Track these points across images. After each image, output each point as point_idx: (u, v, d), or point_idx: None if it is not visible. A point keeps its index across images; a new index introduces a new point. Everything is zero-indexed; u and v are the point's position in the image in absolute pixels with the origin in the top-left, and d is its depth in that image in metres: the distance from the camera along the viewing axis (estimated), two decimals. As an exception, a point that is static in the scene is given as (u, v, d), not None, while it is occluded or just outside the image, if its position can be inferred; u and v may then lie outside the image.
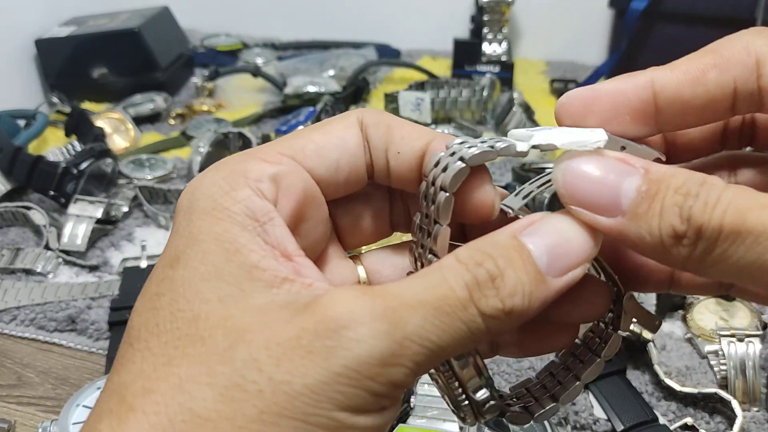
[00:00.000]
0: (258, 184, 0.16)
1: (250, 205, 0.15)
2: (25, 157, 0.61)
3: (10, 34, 0.85)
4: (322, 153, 0.17)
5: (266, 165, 0.16)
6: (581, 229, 0.15)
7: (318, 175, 0.17)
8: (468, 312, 0.14)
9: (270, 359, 0.13)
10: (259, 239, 0.15)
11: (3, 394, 0.46)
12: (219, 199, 0.15)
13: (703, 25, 0.85)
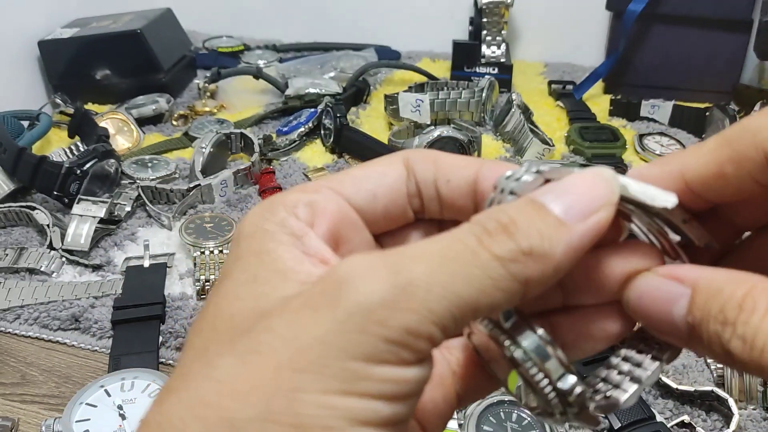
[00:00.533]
0: (294, 209, 0.17)
1: (286, 224, 0.16)
2: (28, 157, 0.62)
3: (14, 35, 0.86)
4: (358, 183, 0.18)
5: (303, 194, 0.17)
6: (595, 177, 0.15)
7: (355, 202, 0.18)
8: (480, 257, 0.14)
9: (282, 322, 0.14)
10: (295, 249, 0.16)
11: (7, 392, 0.46)
12: (259, 224, 0.17)
13: (701, 26, 0.86)
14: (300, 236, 0.16)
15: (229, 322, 0.15)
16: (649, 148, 0.76)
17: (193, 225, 0.59)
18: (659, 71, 0.89)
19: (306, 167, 0.74)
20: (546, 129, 0.79)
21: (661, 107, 0.83)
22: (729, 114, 0.75)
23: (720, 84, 0.88)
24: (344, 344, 0.13)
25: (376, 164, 0.18)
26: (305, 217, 0.17)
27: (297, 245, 0.16)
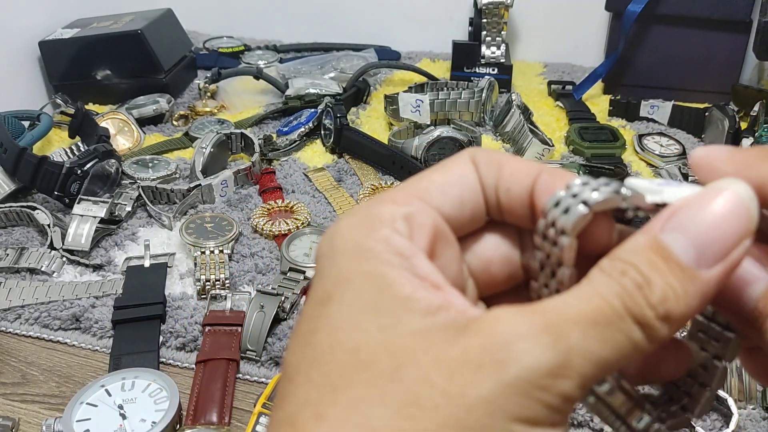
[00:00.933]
0: (394, 224, 0.16)
1: (393, 243, 0.16)
2: (29, 157, 0.62)
3: (15, 36, 0.86)
4: (445, 191, 0.17)
5: (397, 207, 0.16)
6: (731, 204, 0.14)
7: (445, 212, 0.17)
8: (625, 323, 0.14)
9: (440, 375, 0.14)
10: (407, 273, 0.15)
11: (7, 392, 0.46)
12: (360, 240, 0.16)
13: (700, 27, 0.86)
14: (408, 257, 0.15)
15: (354, 357, 0.14)
16: (648, 148, 0.76)
17: (193, 225, 0.60)
18: (659, 71, 0.89)
19: (306, 167, 0.74)
20: (545, 129, 0.79)
21: (660, 107, 0.84)
22: (728, 114, 0.75)
23: (719, 84, 0.88)
24: (509, 407, 0.13)
25: (452, 166, 0.18)
26: (405, 233, 0.16)
27: (407, 267, 0.15)
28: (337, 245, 0.16)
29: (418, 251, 0.16)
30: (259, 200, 0.68)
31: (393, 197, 0.17)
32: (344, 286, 0.15)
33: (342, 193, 0.68)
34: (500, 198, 0.17)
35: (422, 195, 0.17)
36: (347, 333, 0.15)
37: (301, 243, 0.58)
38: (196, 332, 0.50)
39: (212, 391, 0.44)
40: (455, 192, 0.17)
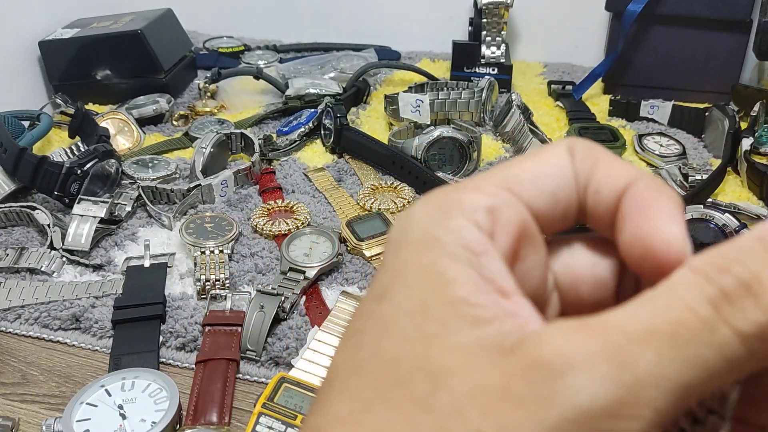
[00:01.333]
0: (473, 214, 0.14)
1: (465, 235, 0.14)
2: (29, 157, 0.62)
3: (14, 36, 0.86)
4: (538, 183, 0.15)
5: (481, 196, 0.14)
6: None
7: (536, 208, 0.15)
8: (718, 335, 0.11)
9: (475, 409, 0.12)
10: (472, 272, 0.13)
11: (7, 392, 0.46)
12: (430, 229, 0.14)
13: (700, 27, 0.86)
14: (478, 253, 0.13)
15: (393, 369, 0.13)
16: (648, 148, 0.76)
17: (193, 225, 0.60)
18: (659, 71, 0.89)
19: (306, 167, 0.74)
20: (545, 129, 0.79)
21: (660, 107, 0.84)
22: (728, 114, 0.75)
23: (719, 84, 0.88)
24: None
25: (546, 154, 0.15)
26: (486, 226, 0.14)
27: (474, 265, 0.13)
28: (406, 232, 0.14)
29: (491, 249, 0.14)
30: (259, 200, 0.68)
31: (478, 184, 0.15)
32: (398, 280, 0.14)
33: (342, 193, 0.68)
34: (588, 199, 0.15)
35: (512, 185, 0.15)
36: (392, 340, 0.13)
37: (301, 243, 0.58)
38: (196, 332, 0.50)
39: (212, 391, 0.44)
40: (550, 186, 0.15)
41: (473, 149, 0.70)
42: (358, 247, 0.58)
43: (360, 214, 0.64)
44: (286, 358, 0.48)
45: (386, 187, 0.68)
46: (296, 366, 0.46)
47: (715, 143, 0.77)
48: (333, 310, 0.51)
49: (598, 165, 0.15)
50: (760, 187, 0.67)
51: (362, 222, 0.61)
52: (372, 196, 0.66)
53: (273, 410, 0.41)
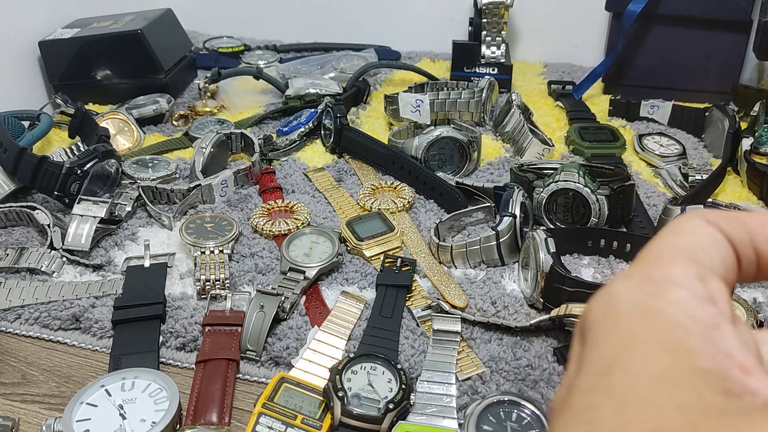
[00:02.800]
0: (689, 285, 0.14)
1: (689, 307, 0.14)
2: (29, 157, 0.62)
3: (15, 36, 0.86)
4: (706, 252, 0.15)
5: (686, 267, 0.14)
6: None
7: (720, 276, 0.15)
8: None
9: None
10: (709, 344, 0.13)
11: (7, 392, 0.46)
12: (649, 303, 0.14)
13: (700, 27, 0.86)
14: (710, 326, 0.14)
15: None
16: (648, 148, 0.76)
17: (193, 225, 0.60)
18: (659, 71, 0.89)
19: (306, 167, 0.74)
20: (545, 129, 0.79)
21: (660, 107, 0.84)
22: (728, 114, 0.75)
23: (719, 84, 0.88)
24: None
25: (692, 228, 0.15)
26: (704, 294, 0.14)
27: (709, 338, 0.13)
28: (615, 308, 0.14)
29: (722, 322, 0.13)
30: (259, 200, 0.68)
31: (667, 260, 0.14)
32: (629, 351, 0.13)
33: (342, 193, 0.68)
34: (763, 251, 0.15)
35: (695, 256, 0.14)
36: (638, 410, 0.13)
37: (301, 243, 0.58)
38: (196, 332, 0.50)
39: (212, 391, 0.44)
40: (716, 253, 0.15)
41: (473, 149, 0.70)
42: (358, 247, 0.58)
43: (360, 214, 0.64)
44: (286, 358, 0.48)
45: (386, 187, 0.68)
46: (296, 366, 0.46)
47: (715, 143, 0.77)
48: (333, 310, 0.51)
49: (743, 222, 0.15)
50: (760, 187, 0.67)
51: (362, 222, 0.61)
52: (372, 196, 0.66)
53: (273, 410, 0.42)
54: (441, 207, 0.66)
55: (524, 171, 0.64)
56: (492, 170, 0.72)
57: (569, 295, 0.49)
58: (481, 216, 0.63)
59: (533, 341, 0.49)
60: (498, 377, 0.46)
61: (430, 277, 0.55)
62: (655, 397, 0.13)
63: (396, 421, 0.41)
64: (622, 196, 0.59)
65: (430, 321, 0.50)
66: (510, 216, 0.56)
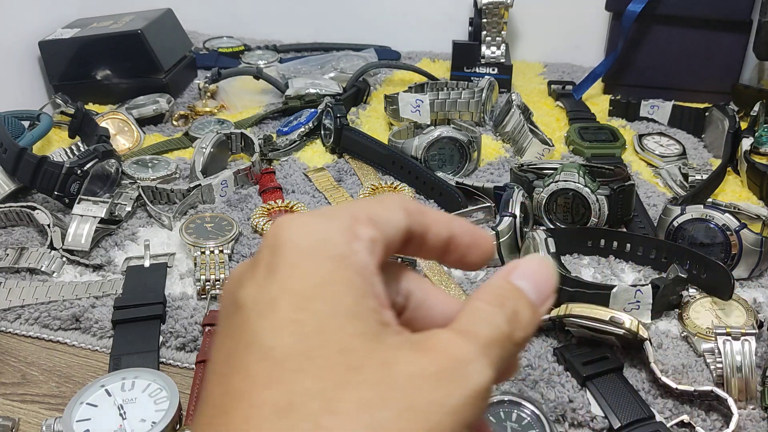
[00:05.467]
0: (365, 242, 0.19)
1: (364, 258, 0.18)
2: (29, 157, 0.62)
3: (14, 36, 0.86)
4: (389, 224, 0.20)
5: (366, 228, 0.19)
6: (549, 270, 0.21)
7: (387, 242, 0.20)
8: (510, 342, 0.19)
9: (427, 384, 0.16)
10: (371, 289, 0.18)
11: (7, 392, 0.46)
12: (341, 248, 0.18)
13: (700, 27, 0.86)
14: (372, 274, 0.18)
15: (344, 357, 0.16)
16: (648, 148, 0.76)
17: (193, 225, 0.60)
18: (659, 71, 0.89)
19: (306, 167, 0.74)
20: (545, 129, 0.79)
21: (660, 107, 0.84)
22: (728, 114, 0.75)
23: (719, 84, 0.88)
24: (467, 415, 0.17)
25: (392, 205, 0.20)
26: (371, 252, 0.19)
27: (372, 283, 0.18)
28: (316, 242, 0.18)
29: (377, 271, 0.19)
30: (259, 200, 0.68)
31: (355, 214, 0.19)
32: (328, 287, 0.17)
33: (342, 193, 0.68)
34: (428, 237, 0.21)
35: (377, 223, 0.19)
36: (335, 334, 0.16)
37: (301, 243, 0.58)
38: (196, 332, 0.50)
39: (212, 391, 0.44)
40: (392, 231, 0.20)
41: (473, 149, 0.70)
42: (358, 247, 0.58)
43: (360, 214, 0.63)
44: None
45: (386, 187, 0.68)
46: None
47: (715, 143, 0.77)
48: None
49: (427, 215, 0.21)
50: (760, 187, 0.67)
51: (362, 222, 0.60)
52: (372, 196, 0.66)
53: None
54: (441, 207, 0.66)
55: (524, 171, 0.64)
56: (492, 170, 0.72)
57: (569, 295, 0.49)
58: (481, 216, 0.63)
59: (533, 341, 0.49)
60: (498, 377, 0.46)
61: (430, 277, 0.56)
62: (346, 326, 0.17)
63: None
64: (622, 196, 0.59)
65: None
66: (510, 216, 0.56)
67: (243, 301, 0.18)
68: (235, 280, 0.19)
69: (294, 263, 0.18)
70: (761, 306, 0.52)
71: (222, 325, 0.19)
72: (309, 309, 0.17)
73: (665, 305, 0.51)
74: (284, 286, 0.17)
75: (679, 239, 0.56)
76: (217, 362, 0.18)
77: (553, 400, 0.44)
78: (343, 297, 0.17)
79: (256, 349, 0.17)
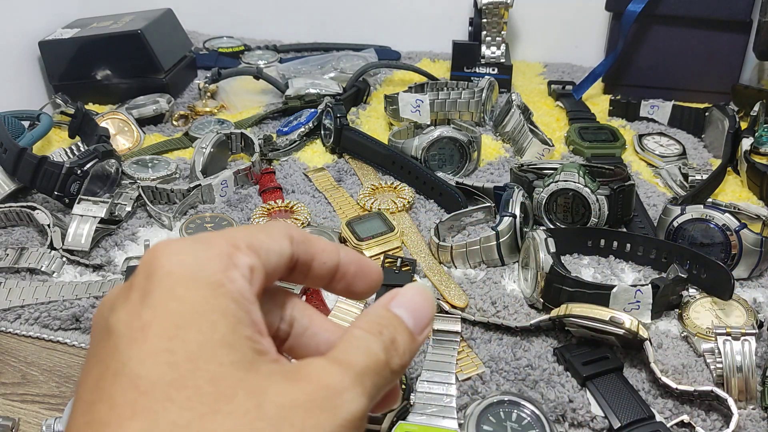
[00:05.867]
0: (243, 270, 0.19)
1: (241, 286, 0.18)
2: (29, 157, 0.62)
3: (14, 36, 0.86)
4: (270, 253, 0.20)
5: (244, 256, 0.19)
6: (428, 299, 0.21)
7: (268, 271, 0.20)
8: (387, 369, 0.19)
9: (297, 414, 0.16)
10: (248, 317, 0.18)
11: (7, 392, 0.46)
12: (217, 276, 0.18)
13: (700, 27, 0.86)
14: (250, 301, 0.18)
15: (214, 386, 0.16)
16: (648, 148, 0.76)
17: (193, 225, 0.60)
18: (659, 71, 0.89)
19: (306, 167, 0.74)
20: (545, 129, 0.79)
21: (660, 107, 0.84)
22: (728, 114, 0.75)
23: (719, 84, 0.88)
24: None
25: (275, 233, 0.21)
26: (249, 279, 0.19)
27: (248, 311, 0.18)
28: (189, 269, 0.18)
29: (255, 299, 0.19)
30: (259, 200, 0.68)
31: (234, 241, 0.19)
32: (201, 316, 0.17)
33: (342, 193, 0.68)
34: (314, 265, 0.22)
35: (259, 251, 0.20)
36: (206, 363, 0.16)
37: (301, 243, 0.58)
38: (196, 332, 0.50)
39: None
40: (275, 258, 0.20)
41: (473, 149, 0.70)
42: (358, 247, 0.58)
43: (360, 214, 0.64)
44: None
45: (386, 187, 0.68)
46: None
47: (715, 143, 0.77)
48: (333, 310, 0.51)
49: (312, 244, 0.22)
50: (760, 187, 0.67)
51: (362, 222, 0.61)
52: (372, 196, 0.66)
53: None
54: (441, 207, 0.65)
55: (524, 171, 0.64)
56: (492, 170, 0.72)
57: (569, 295, 0.49)
58: (481, 216, 0.63)
59: (533, 341, 0.49)
60: (498, 377, 0.46)
61: (430, 277, 0.55)
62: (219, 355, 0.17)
63: (396, 421, 0.41)
64: (622, 196, 0.59)
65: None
66: (510, 216, 0.56)
67: (114, 327, 0.17)
68: (107, 304, 0.18)
69: (168, 289, 0.17)
70: (761, 306, 0.52)
71: (92, 350, 0.18)
72: (180, 337, 0.16)
73: (665, 305, 0.51)
74: (156, 312, 0.17)
75: (679, 239, 0.56)
76: (85, 389, 0.17)
77: (553, 400, 0.44)
78: (217, 325, 0.17)
79: (123, 378, 0.16)
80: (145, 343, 0.17)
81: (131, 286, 0.18)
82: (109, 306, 0.18)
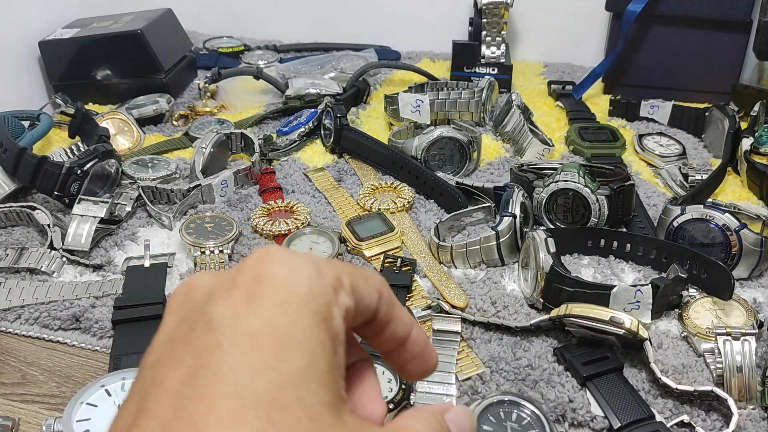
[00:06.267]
0: (342, 310, 0.18)
1: (339, 326, 0.18)
2: (29, 157, 0.62)
3: (15, 36, 0.86)
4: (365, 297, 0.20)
5: (346, 296, 0.19)
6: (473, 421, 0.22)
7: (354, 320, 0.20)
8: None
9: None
10: (338, 359, 0.18)
11: (7, 392, 0.46)
12: (324, 309, 0.18)
13: (700, 27, 0.86)
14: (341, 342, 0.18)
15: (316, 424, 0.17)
16: (648, 148, 0.76)
17: (193, 225, 0.60)
18: (659, 71, 0.89)
19: (306, 167, 0.74)
20: (545, 129, 0.79)
21: (660, 107, 0.84)
22: (728, 114, 0.75)
23: (719, 84, 0.88)
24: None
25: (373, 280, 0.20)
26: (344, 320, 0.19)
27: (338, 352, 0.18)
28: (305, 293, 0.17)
29: (344, 342, 0.19)
30: (259, 200, 0.68)
31: (340, 277, 0.19)
32: (309, 345, 0.17)
33: (342, 193, 0.68)
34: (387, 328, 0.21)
35: (355, 293, 0.19)
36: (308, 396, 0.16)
37: (301, 243, 0.58)
38: (196, 332, 0.50)
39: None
40: (363, 307, 0.20)
41: (473, 149, 0.70)
42: (358, 247, 0.58)
43: (360, 214, 0.64)
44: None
45: (386, 187, 0.68)
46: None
47: (715, 143, 0.77)
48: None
49: (395, 308, 0.21)
50: (760, 187, 0.67)
51: (362, 222, 0.61)
52: (372, 196, 0.66)
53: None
54: (441, 207, 0.65)
55: (524, 171, 0.64)
56: (492, 170, 0.72)
57: (569, 295, 0.49)
58: (481, 216, 0.63)
59: (533, 341, 0.49)
60: (498, 377, 0.46)
61: (430, 277, 0.55)
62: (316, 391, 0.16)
63: (396, 421, 0.41)
64: (622, 196, 0.59)
65: (430, 321, 0.50)
66: (510, 216, 0.56)
67: (215, 321, 0.17)
68: (202, 289, 0.18)
69: (278, 304, 0.17)
70: (761, 306, 0.52)
71: (179, 335, 0.17)
72: (288, 360, 0.16)
73: (665, 305, 0.51)
74: (265, 323, 0.16)
75: (679, 239, 0.56)
76: (172, 377, 0.16)
77: (553, 400, 0.44)
78: (319, 359, 0.17)
79: (227, 383, 0.15)
80: (253, 353, 0.16)
81: (234, 282, 0.17)
82: (205, 293, 0.17)
